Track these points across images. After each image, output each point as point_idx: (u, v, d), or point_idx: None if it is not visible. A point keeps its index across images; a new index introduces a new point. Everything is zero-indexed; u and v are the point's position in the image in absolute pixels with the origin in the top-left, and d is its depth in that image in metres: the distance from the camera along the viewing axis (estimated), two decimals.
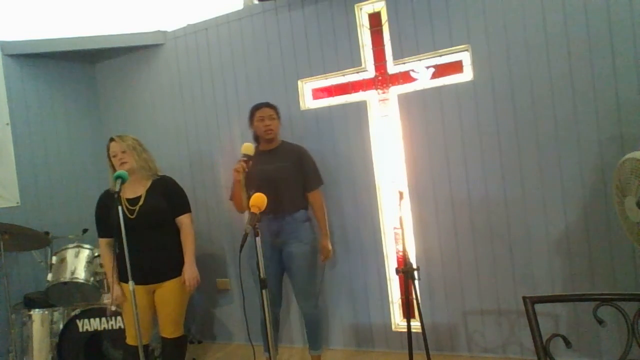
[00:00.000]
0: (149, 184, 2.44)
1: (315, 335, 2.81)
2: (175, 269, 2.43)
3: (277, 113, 2.78)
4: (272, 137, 2.73)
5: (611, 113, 2.49)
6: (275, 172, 2.66)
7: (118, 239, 2.35)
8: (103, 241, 2.46)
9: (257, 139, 2.80)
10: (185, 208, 2.51)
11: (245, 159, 2.54)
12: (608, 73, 2.48)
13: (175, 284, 2.42)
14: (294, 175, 2.69)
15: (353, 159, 3.11)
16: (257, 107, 2.76)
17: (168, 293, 2.41)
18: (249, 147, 2.57)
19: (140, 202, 2.36)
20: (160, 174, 2.53)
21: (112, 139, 2.43)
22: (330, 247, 2.79)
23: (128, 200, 2.38)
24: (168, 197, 2.45)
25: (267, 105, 2.76)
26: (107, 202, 2.43)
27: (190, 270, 2.42)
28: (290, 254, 2.66)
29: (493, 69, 2.72)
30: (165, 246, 2.42)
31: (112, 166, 2.42)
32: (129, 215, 2.32)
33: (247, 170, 2.58)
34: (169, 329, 2.46)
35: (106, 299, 2.84)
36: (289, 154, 2.74)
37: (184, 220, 2.49)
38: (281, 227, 2.67)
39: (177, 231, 2.49)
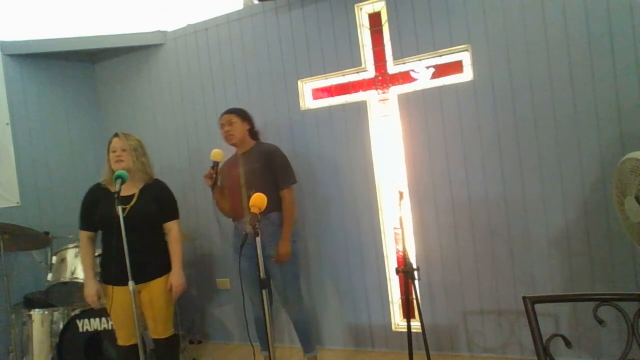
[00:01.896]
0: (141, 185, 2.43)
1: (307, 338, 2.79)
2: (161, 268, 2.41)
3: (241, 116, 2.73)
4: (235, 142, 2.72)
5: (611, 113, 2.49)
6: (245, 175, 2.66)
7: (108, 240, 2.34)
8: (84, 234, 2.43)
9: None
10: (174, 214, 2.51)
11: (212, 165, 2.60)
12: (608, 73, 2.48)
13: (161, 283, 2.39)
14: (263, 176, 2.63)
15: (353, 159, 3.11)
16: (220, 116, 2.77)
17: (155, 293, 2.37)
18: (216, 154, 2.62)
19: (132, 202, 2.35)
20: (154, 177, 2.52)
21: (116, 134, 2.43)
22: (286, 251, 2.60)
23: (120, 198, 2.37)
24: (159, 201, 2.44)
25: (227, 111, 2.76)
26: (96, 196, 2.41)
27: (177, 277, 2.40)
28: (268, 258, 2.61)
29: (493, 69, 2.72)
30: (152, 247, 2.41)
31: (109, 161, 2.40)
32: (119, 214, 2.29)
33: (214, 176, 2.63)
34: (159, 330, 2.43)
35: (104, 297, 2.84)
36: (259, 155, 2.70)
37: (172, 227, 2.48)
38: (258, 229, 2.63)
39: (163, 234, 2.49)
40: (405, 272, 2.31)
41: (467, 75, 2.82)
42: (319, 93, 3.26)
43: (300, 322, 2.76)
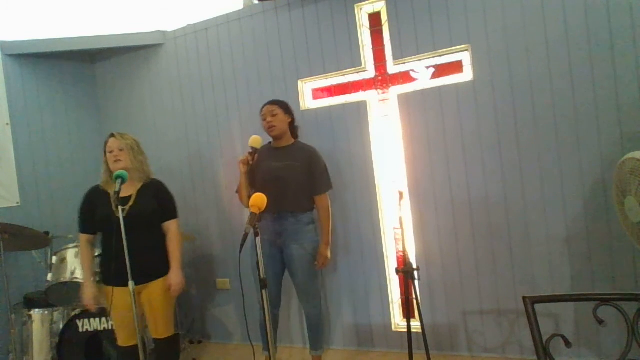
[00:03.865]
0: (140, 185, 2.43)
1: (317, 336, 2.80)
2: (161, 269, 2.40)
3: (283, 108, 2.70)
4: (277, 133, 2.66)
5: (611, 113, 2.49)
6: (282, 170, 2.63)
7: (107, 240, 2.34)
8: (84, 237, 2.43)
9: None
10: (173, 214, 2.50)
11: (250, 151, 2.51)
12: (608, 73, 2.48)
13: (161, 284, 2.39)
14: (301, 176, 2.62)
15: (353, 159, 3.11)
16: (262, 107, 2.73)
17: (155, 294, 2.38)
18: (256, 140, 2.53)
19: (131, 203, 2.35)
20: (152, 177, 2.51)
21: (112, 135, 2.42)
22: (328, 255, 2.68)
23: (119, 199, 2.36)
24: (158, 201, 2.44)
25: (270, 102, 2.72)
26: (94, 198, 2.40)
27: (175, 276, 2.39)
28: (292, 255, 2.64)
29: (493, 69, 2.72)
30: (152, 247, 2.40)
31: (107, 162, 2.40)
32: (118, 215, 2.29)
33: (251, 162, 2.53)
34: (160, 330, 2.44)
35: (102, 300, 2.83)
36: (299, 153, 2.68)
37: (171, 226, 2.47)
38: (284, 227, 2.64)
39: (162, 234, 2.48)
40: (405, 272, 2.31)
41: (467, 75, 2.82)
42: (319, 93, 3.26)
43: (316, 317, 2.76)
